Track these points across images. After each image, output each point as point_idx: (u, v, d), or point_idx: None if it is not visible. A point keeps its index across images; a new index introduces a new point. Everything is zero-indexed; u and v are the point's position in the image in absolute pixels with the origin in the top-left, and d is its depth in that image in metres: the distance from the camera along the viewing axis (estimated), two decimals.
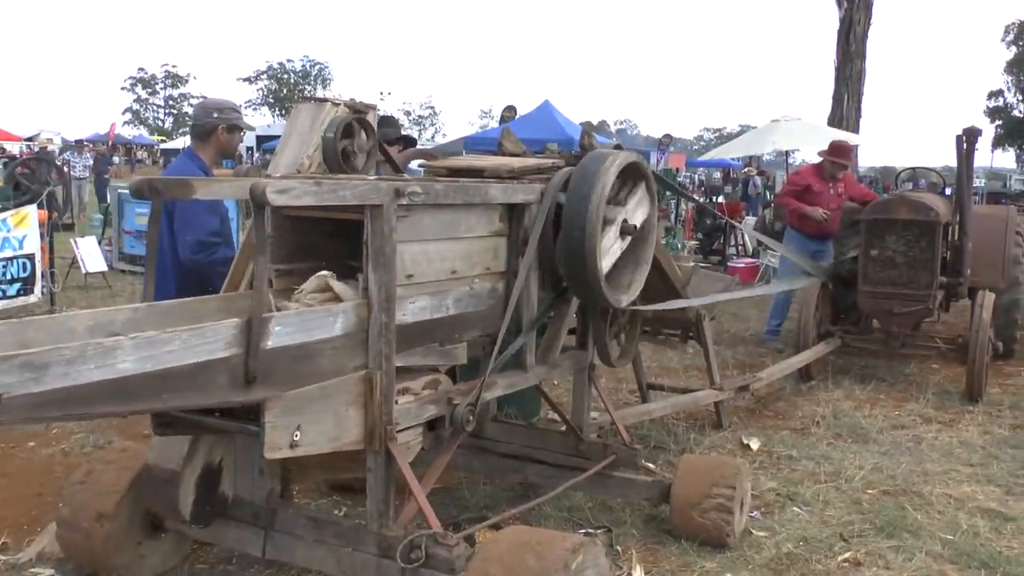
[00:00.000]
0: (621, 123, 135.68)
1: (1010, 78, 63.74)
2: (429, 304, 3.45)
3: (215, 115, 4.84)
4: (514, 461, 4.82)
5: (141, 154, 52.81)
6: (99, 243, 12.88)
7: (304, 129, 3.80)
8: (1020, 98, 64.83)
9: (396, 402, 3.27)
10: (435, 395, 3.50)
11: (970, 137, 8.12)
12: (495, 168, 3.99)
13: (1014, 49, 60.59)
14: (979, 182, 46.70)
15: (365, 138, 3.88)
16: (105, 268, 12.01)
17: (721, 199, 24.09)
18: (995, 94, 66.60)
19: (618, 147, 4.36)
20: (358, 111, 3.87)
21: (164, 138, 68.15)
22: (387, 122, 7.59)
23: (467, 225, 3.61)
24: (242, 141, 5.26)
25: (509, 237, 3.86)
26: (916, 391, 7.70)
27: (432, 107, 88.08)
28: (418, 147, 7.74)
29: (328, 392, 3.04)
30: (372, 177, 3.61)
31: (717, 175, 40.08)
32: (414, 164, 6.21)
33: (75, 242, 11.89)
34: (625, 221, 3.98)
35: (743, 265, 14.33)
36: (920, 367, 8.71)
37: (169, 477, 3.52)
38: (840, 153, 9.32)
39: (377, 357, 3.17)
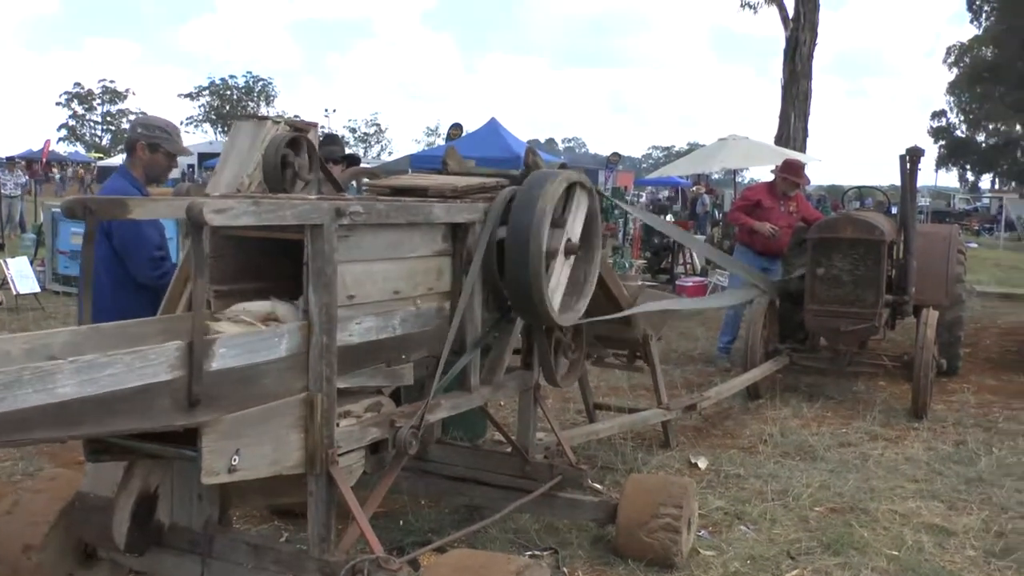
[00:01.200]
0: (569, 141, 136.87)
1: (952, 99, 65.32)
2: (376, 324, 3.44)
3: (139, 130, 4.80)
4: (459, 483, 4.82)
5: (72, 170, 51.23)
6: (31, 263, 12.67)
7: (244, 147, 3.79)
8: (962, 118, 66.47)
9: (338, 425, 3.26)
10: (377, 418, 3.49)
11: (913, 157, 8.31)
12: (438, 187, 4.00)
13: (955, 70, 62.10)
14: (924, 201, 47.80)
15: (305, 156, 3.87)
16: (38, 289, 11.81)
17: (669, 218, 24.31)
18: (938, 114, 68.17)
19: (563, 166, 4.40)
20: (299, 129, 3.87)
21: (101, 155, 67.22)
22: (331, 140, 7.61)
23: (410, 245, 3.62)
24: (175, 166, 5.18)
25: (453, 257, 3.88)
26: (863, 408, 7.82)
27: (378, 124, 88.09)
28: (362, 165, 7.75)
29: (268, 415, 3.03)
30: (312, 196, 3.61)
31: (666, 193, 40.49)
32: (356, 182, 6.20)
33: (5, 263, 11.68)
34: (569, 240, 4.01)
35: (691, 284, 14.47)
36: (867, 384, 8.86)
37: (103, 505, 3.46)
38: (792, 171, 9.48)
39: (318, 379, 3.16)
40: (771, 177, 9.89)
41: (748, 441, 6.88)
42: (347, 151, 7.72)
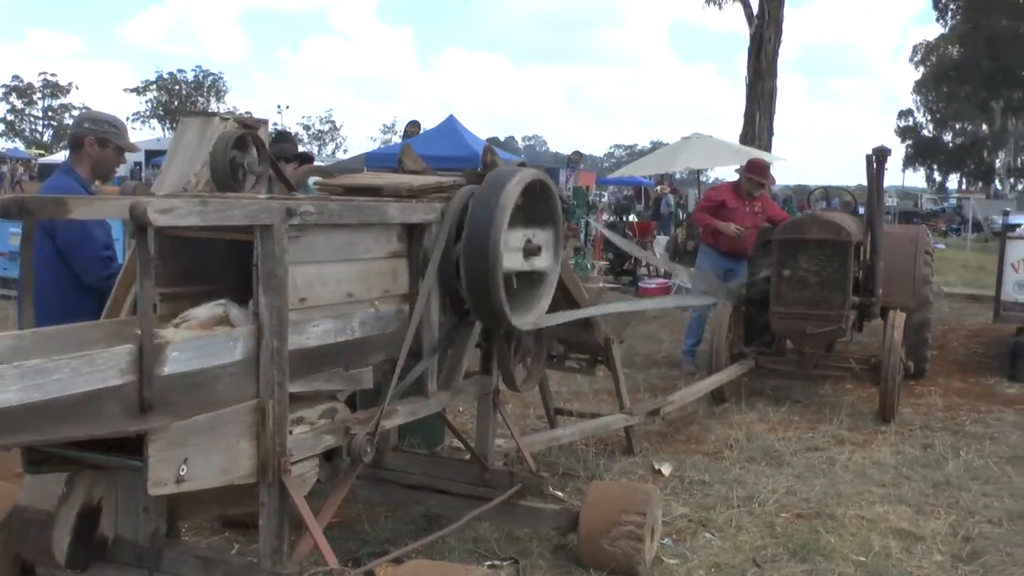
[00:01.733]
0: (529, 139, 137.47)
1: (919, 98, 66.47)
2: (334, 327, 3.44)
3: (86, 125, 4.76)
4: (416, 492, 4.81)
5: (10, 167, 49.94)
6: None
7: (191, 145, 3.77)
8: (929, 118, 67.67)
9: (291, 432, 3.24)
10: (332, 424, 3.48)
11: (880, 156, 8.40)
12: (393, 186, 4.00)
13: (922, 69, 63.15)
14: (892, 201, 48.41)
15: (256, 154, 3.85)
16: None
17: (632, 218, 24.41)
18: (905, 114, 69.40)
19: (522, 164, 4.42)
20: (248, 126, 3.85)
21: (43, 152, 66.24)
22: (283, 138, 7.59)
23: (364, 246, 3.61)
24: (123, 162, 5.16)
25: (409, 258, 3.87)
26: (830, 412, 7.91)
27: (332, 121, 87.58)
28: (315, 164, 7.72)
29: (218, 422, 3.01)
30: (263, 196, 3.60)
31: (629, 192, 40.68)
32: (309, 182, 6.18)
33: None
34: (529, 241, 4.02)
35: (655, 286, 14.55)
36: (834, 388, 8.94)
37: (42, 519, 3.41)
38: (757, 171, 9.55)
39: (269, 385, 3.14)
40: (736, 177, 9.96)
41: (713, 446, 6.92)
42: (300, 149, 7.69)
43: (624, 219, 22.63)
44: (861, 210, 10.15)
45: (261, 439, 3.15)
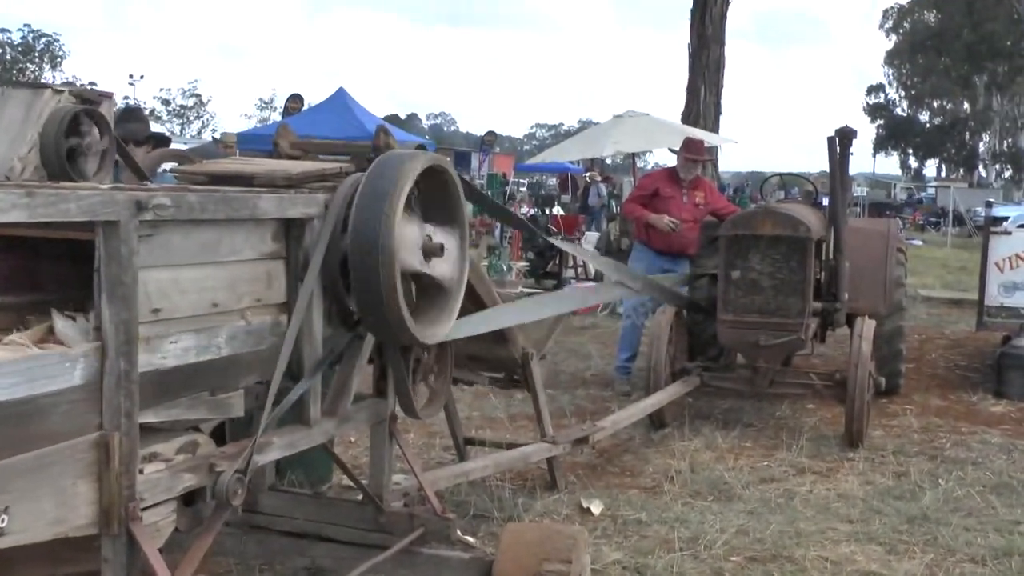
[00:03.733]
0: (436, 117, 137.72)
1: (891, 71, 67.85)
2: (196, 344, 3.40)
3: None
4: (299, 540, 4.78)
5: None
6: None
7: (15, 122, 3.71)
8: (903, 94, 69.03)
9: (141, 471, 3.21)
10: (192, 460, 3.45)
11: (843, 139, 8.52)
12: (268, 174, 3.97)
13: (894, 37, 64.47)
14: (860, 191, 49.43)
15: (97, 135, 3.81)
16: None
17: (557, 211, 24.56)
18: (875, 89, 70.78)
19: (421, 147, 4.43)
20: (88, 100, 3.80)
21: None
22: (132, 115, 7.51)
23: (232, 246, 3.58)
24: None
25: (287, 260, 3.86)
26: (788, 437, 8.04)
27: (198, 95, 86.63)
28: (172, 147, 7.63)
29: (48, 462, 2.94)
30: (106, 186, 3.55)
31: (553, 181, 40.95)
32: (166, 168, 6.12)
33: None
34: (429, 239, 4.03)
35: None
36: (793, 408, 9.10)
37: None
38: (693, 148, 9.67)
39: (115, 414, 3.10)
40: (675, 162, 10.05)
41: (651, 479, 7.00)
42: (155, 128, 7.61)
43: (547, 212, 22.72)
44: (824, 201, 10.33)
45: (104, 480, 3.09)
